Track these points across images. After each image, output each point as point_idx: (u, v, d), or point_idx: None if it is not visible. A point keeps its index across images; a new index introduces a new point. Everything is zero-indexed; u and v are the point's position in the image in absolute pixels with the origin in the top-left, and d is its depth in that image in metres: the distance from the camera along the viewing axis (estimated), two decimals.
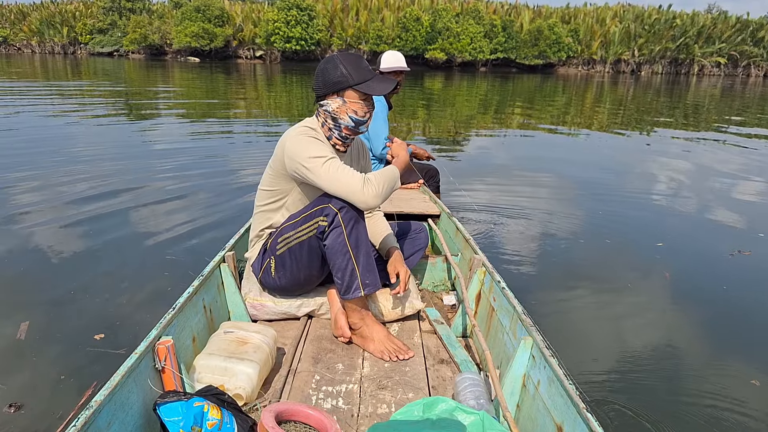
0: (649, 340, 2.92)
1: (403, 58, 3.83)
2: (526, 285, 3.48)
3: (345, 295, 2.09)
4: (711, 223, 5.08)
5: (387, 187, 2.04)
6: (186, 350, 1.93)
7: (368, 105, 2.12)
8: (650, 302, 3.38)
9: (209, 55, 48.63)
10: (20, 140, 7.94)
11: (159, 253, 3.80)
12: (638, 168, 7.56)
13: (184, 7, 48.48)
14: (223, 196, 5.28)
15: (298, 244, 2.11)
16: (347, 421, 1.75)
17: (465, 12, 48.42)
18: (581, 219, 5.00)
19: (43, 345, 2.60)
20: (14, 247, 3.86)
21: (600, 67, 51.91)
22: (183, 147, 7.89)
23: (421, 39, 46.08)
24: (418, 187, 4.13)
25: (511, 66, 49.88)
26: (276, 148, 2.17)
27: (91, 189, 5.35)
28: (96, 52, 54.56)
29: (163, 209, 4.81)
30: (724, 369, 2.66)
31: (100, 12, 55.29)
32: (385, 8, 50.72)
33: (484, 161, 7.82)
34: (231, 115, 12.16)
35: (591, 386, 2.43)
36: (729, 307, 3.34)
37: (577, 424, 1.45)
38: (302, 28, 45.65)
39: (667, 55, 50.99)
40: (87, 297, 3.12)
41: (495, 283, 2.25)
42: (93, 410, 1.35)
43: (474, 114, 14.19)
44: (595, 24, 52.41)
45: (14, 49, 59.87)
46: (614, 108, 17.08)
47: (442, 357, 2.17)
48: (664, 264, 3.96)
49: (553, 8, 55.97)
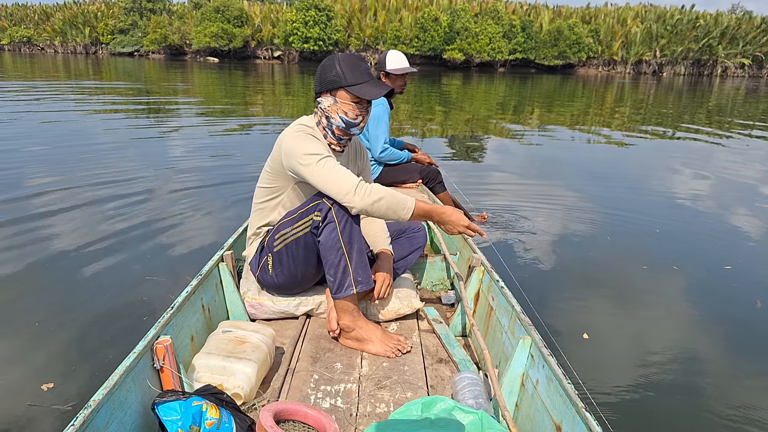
0: (649, 339, 2.93)
1: (406, 59, 3.82)
2: (525, 284, 3.48)
3: (337, 293, 2.07)
4: (718, 231, 4.97)
5: (384, 204, 1.95)
6: (184, 349, 1.93)
7: (360, 108, 2.08)
8: (650, 302, 3.39)
9: (228, 56, 49.05)
10: (31, 136, 8.08)
11: (159, 253, 3.80)
12: (649, 171, 7.45)
13: (204, 8, 48.94)
14: (228, 196, 5.28)
15: (294, 240, 2.10)
16: (346, 420, 1.74)
17: (484, 12, 48.21)
18: (582, 219, 4.99)
19: (43, 345, 2.60)
20: (13, 238, 3.89)
21: (621, 67, 51.37)
22: (190, 144, 8.00)
23: (439, 39, 45.97)
24: (416, 187, 4.13)
25: (530, 66, 49.58)
26: (274, 145, 2.17)
27: (91, 186, 5.38)
28: (117, 52, 55.33)
29: (164, 208, 4.82)
30: (724, 369, 2.68)
31: (122, 12, 56.05)
32: (403, 8, 50.72)
33: (489, 161, 7.81)
34: (248, 114, 12.29)
35: (589, 385, 2.43)
36: (728, 309, 3.34)
37: (576, 423, 1.45)
38: (320, 29, 45.79)
39: (689, 56, 50.28)
40: (84, 296, 3.11)
41: (494, 283, 2.24)
42: (91, 409, 1.35)
43: (490, 115, 14.14)
44: (616, 24, 51.90)
45: (38, 49, 60.94)
46: (635, 109, 16.89)
47: (441, 356, 2.17)
48: (664, 263, 3.98)
49: (573, 8, 55.59)
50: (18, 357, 2.50)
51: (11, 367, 2.42)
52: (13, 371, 2.40)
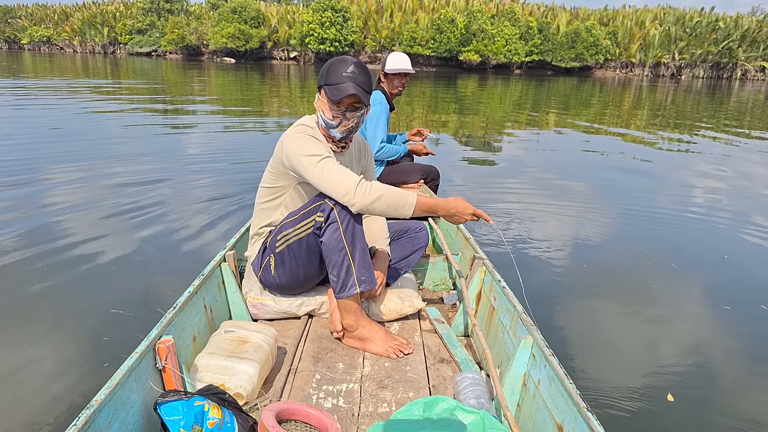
0: (651, 340, 2.92)
1: (408, 60, 3.84)
2: (526, 284, 3.46)
3: (340, 293, 2.06)
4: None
5: (384, 201, 1.93)
6: (187, 349, 1.94)
7: (336, 110, 2.06)
8: (651, 303, 3.37)
9: (244, 56, 49.35)
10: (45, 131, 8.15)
11: (161, 253, 3.79)
12: (663, 176, 7.32)
13: (221, 9, 49.31)
14: (232, 196, 5.27)
15: (296, 241, 2.10)
16: (348, 420, 1.74)
17: (500, 13, 48.01)
18: (584, 221, 4.97)
19: (44, 344, 2.61)
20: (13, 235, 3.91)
21: (638, 70, 50.91)
22: (199, 143, 8.03)
23: (455, 41, 45.86)
24: (418, 187, 4.13)
25: (546, 68, 49.31)
26: (276, 145, 2.17)
27: (91, 186, 5.38)
28: (135, 52, 55.98)
29: (166, 207, 4.80)
30: (728, 371, 2.64)
31: (140, 13, 56.74)
32: (419, 10, 50.73)
33: (500, 163, 7.75)
34: (263, 113, 12.33)
35: (591, 385, 2.44)
36: (729, 310, 3.31)
37: (578, 423, 1.45)
38: (336, 30, 45.90)
39: (708, 58, 49.68)
40: (86, 296, 3.11)
41: (495, 282, 2.24)
42: (94, 409, 1.35)
43: (505, 117, 14.08)
44: (634, 26, 51.45)
45: (57, 48, 61.85)
46: (653, 112, 16.70)
47: (443, 356, 2.17)
48: (666, 264, 3.97)
49: (590, 10, 55.26)
50: (19, 357, 2.50)
51: (12, 367, 2.42)
52: (15, 371, 2.40)
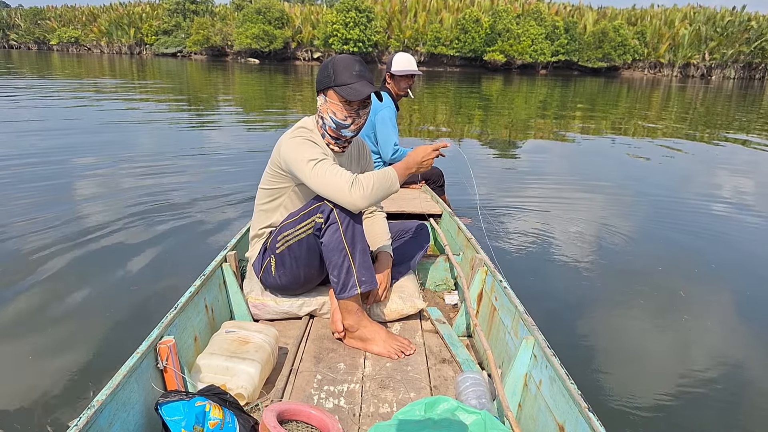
0: (652, 340, 2.91)
1: (414, 61, 3.83)
2: (528, 284, 3.49)
3: (341, 293, 2.06)
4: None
5: (377, 188, 1.97)
6: (188, 350, 1.94)
7: (349, 109, 2.08)
8: (652, 303, 3.35)
9: (268, 57, 49.83)
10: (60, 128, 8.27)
11: (162, 253, 3.78)
12: (685, 179, 7.14)
13: (246, 9, 49.95)
14: (234, 195, 5.25)
15: (297, 242, 2.10)
16: (349, 420, 1.74)
17: (526, 13, 47.81)
18: (587, 222, 4.90)
19: (45, 344, 2.60)
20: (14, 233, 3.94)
21: (667, 70, 50.22)
22: (207, 143, 8.05)
23: (480, 41, 45.73)
24: (419, 187, 4.13)
25: (572, 68, 48.91)
26: (274, 148, 2.19)
27: (91, 185, 5.40)
28: (160, 52, 57.06)
29: (167, 207, 4.78)
30: (730, 372, 2.65)
31: (165, 14, 57.85)
32: (444, 10, 50.72)
33: (518, 164, 7.69)
34: (287, 112, 12.38)
35: (593, 386, 2.44)
36: (731, 312, 3.30)
37: (579, 423, 1.44)
38: (360, 30, 46.12)
39: (740, 59, 48.74)
40: (87, 296, 3.10)
41: (497, 283, 2.24)
42: (95, 410, 1.35)
43: (529, 117, 13.99)
44: (663, 26, 50.81)
45: (84, 49, 63.33)
46: (683, 113, 16.41)
47: (444, 356, 2.17)
48: (667, 267, 3.91)
49: (618, 9, 54.67)
50: (20, 357, 2.51)
51: (13, 368, 2.43)
52: (16, 371, 2.40)
